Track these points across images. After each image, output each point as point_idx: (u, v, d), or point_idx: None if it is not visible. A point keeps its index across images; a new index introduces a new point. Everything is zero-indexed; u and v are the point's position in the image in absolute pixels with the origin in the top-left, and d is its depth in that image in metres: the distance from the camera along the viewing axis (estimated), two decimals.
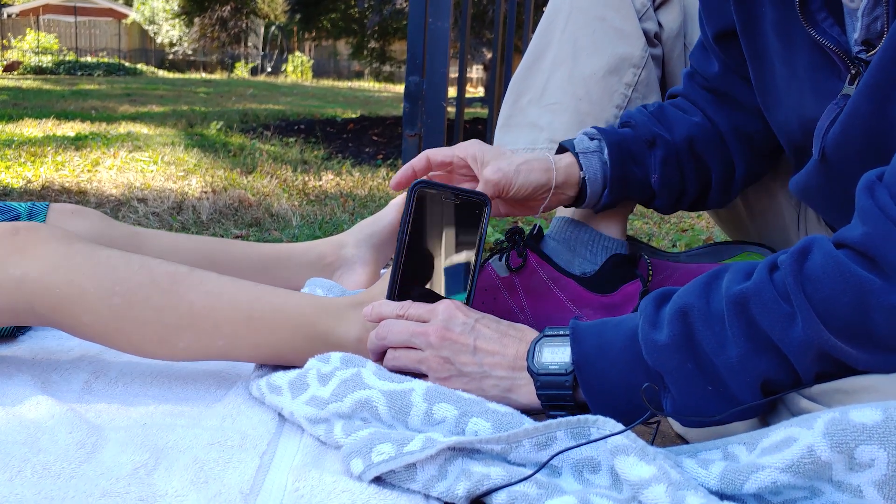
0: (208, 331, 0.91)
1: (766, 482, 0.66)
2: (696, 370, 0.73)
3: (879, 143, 0.75)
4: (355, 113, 6.99)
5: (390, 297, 0.93)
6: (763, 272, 0.71)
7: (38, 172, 2.71)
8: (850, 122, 0.78)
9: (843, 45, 0.79)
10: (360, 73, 20.16)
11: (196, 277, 0.93)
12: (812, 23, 0.80)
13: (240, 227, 2.04)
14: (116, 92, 8.59)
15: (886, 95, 0.74)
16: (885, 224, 0.65)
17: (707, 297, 0.74)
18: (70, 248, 0.90)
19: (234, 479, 0.74)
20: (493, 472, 0.70)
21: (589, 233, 1.09)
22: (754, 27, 0.90)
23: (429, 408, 0.80)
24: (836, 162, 0.83)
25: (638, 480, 0.66)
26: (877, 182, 0.68)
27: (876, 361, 0.68)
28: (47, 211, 1.15)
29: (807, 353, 0.69)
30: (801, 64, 0.85)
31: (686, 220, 2.56)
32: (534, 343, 0.84)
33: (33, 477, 0.71)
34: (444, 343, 0.86)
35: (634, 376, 0.76)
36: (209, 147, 3.74)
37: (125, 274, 0.90)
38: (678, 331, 0.73)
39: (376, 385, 0.83)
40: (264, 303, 0.93)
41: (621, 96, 1.14)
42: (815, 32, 0.80)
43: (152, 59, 22.42)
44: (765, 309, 0.69)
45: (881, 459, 0.63)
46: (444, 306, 0.89)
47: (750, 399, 0.72)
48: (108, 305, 0.89)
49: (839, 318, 0.66)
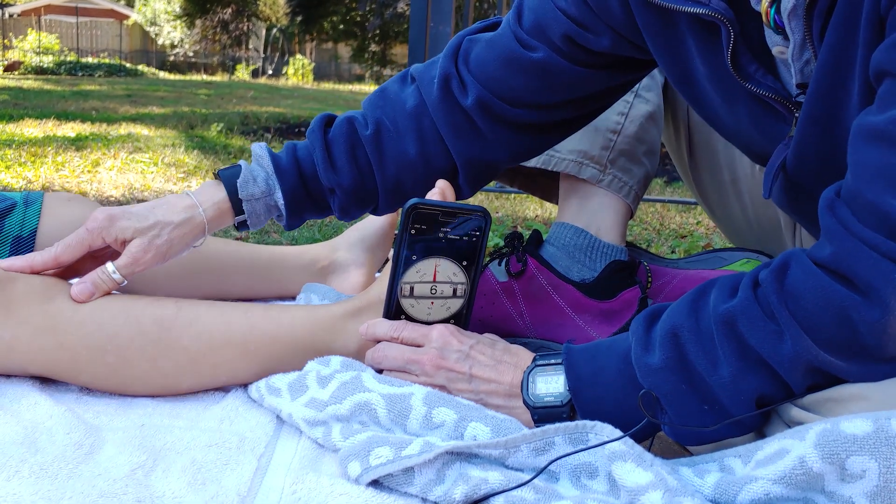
0: (208, 371, 0.92)
1: (759, 494, 0.66)
2: (691, 391, 0.73)
3: (834, 162, 0.75)
4: None
5: (386, 316, 0.91)
6: (747, 290, 0.72)
7: (39, 173, 2.72)
8: (801, 151, 0.79)
9: (781, 92, 0.79)
10: (361, 76, 20.17)
11: (184, 318, 0.91)
12: (745, 76, 0.80)
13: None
14: (117, 93, 8.59)
15: (829, 120, 0.74)
16: (850, 240, 0.65)
17: (696, 315, 0.74)
18: (51, 305, 0.89)
19: (231, 481, 0.74)
20: (491, 477, 0.70)
21: (588, 239, 1.09)
22: (690, 80, 0.89)
23: (428, 411, 0.80)
24: (799, 184, 0.83)
25: (635, 486, 0.66)
26: (836, 199, 0.68)
27: (866, 372, 0.69)
28: (43, 199, 1.14)
29: (797, 367, 0.70)
30: (743, 114, 0.86)
31: (685, 226, 2.56)
32: (527, 374, 0.83)
33: (31, 477, 0.71)
34: (440, 372, 0.86)
35: (631, 400, 0.76)
36: (209, 149, 3.74)
37: (112, 329, 0.89)
38: (670, 353, 0.74)
39: (376, 388, 0.83)
40: (258, 333, 0.93)
41: (623, 102, 1.14)
42: (750, 84, 0.80)
43: (153, 60, 22.43)
44: (752, 327, 0.70)
45: (872, 470, 0.63)
46: (437, 332, 0.87)
47: (741, 412, 0.72)
48: (103, 364, 0.89)
49: (825, 333, 0.67)
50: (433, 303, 0.91)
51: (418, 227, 0.87)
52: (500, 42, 0.97)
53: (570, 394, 0.80)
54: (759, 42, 0.79)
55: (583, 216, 1.10)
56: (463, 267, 0.90)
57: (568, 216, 1.12)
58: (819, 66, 0.72)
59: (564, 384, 0.81)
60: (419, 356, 0.86)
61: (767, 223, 1.19)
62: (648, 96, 1.16)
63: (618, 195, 1.11)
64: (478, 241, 0.89)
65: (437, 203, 0.88)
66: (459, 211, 0.88)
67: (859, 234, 0.65)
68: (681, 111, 1.22)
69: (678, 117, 1.22)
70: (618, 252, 1.09)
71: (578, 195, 1.12)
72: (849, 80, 0.71)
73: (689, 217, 2.76)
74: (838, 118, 0.74)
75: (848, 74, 0.71)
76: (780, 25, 0.74)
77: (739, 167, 1.18)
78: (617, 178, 1.11)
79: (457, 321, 0.92)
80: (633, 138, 1.13)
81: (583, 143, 1.12)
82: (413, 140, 1.00)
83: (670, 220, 2.67)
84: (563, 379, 0.81)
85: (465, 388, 0.85)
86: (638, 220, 2.59)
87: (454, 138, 0.99)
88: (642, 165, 1.14)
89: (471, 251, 0.89)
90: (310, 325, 0.95)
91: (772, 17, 0.74)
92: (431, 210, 0.87)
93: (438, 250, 0.89)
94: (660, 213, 2.82)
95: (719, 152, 1.20)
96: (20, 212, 1.11)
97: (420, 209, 0.86)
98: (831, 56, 0.71)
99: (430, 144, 1.00)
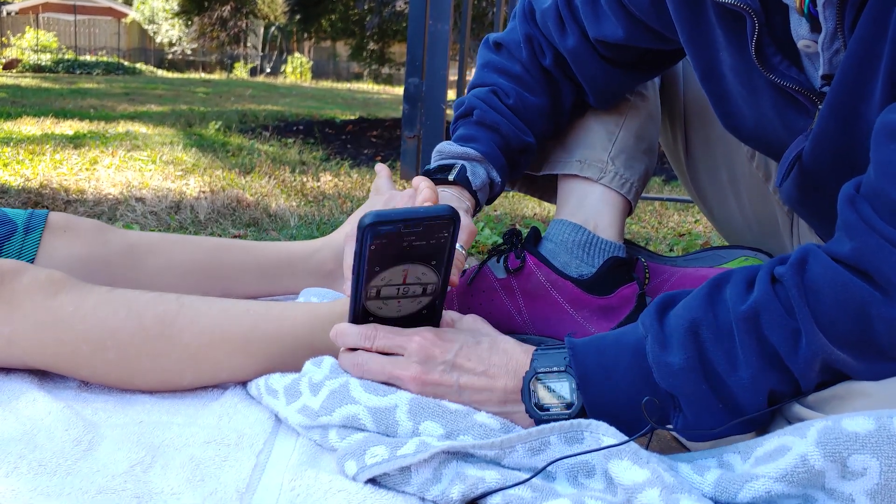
0: (209, 369, 0.92)
1: (761, 491, 0.66)
2: (710, 390, 0.72)
3: (850, 157, 0.76)
4: (354, 114, 6.99)
5: (353, 321, 0.86)
6: (765, 285, 0.71)
7: (37, 170, 2.71)
8: (819, 143, 0.79)
9: (805, 84, 0.80)
10: (360, 74, 20.16)
11: (186, 315, 0.91)
12: (769, 67, 0.80)
13: (237, 227, 2.05)
14: (115, 91, 8.58)
15: (851, 112, 0.74)
16: (872, 237, 0.65)
17: (714, 310, 0.73)
18: (55, 300, 0.88)
19: (230, 478, 0.74)
20: (488, 476, 0.70)
21: (586, 235, 1.09)
22: (714, 71, 0.90)
23: (415, 427, 0.78)
24: (812, 178, 0.83)
25: (632, 484, 0.66)
26: (856, 195, 0.68)
27: (875, 371, 0.69)
28: (44, 227, 1.12)
29: (812, 367, 0.70)
30: (766, 104, 0.86)
31: (684, 224, 2.56)
32: (526, 382, 0.79)
33: (29, 473, 0.71)
34: (426, 388, 0.81)
35: (642, 396, 0.74)
36: (208, 147, 3.74)
37: (115, 324, 0.88)
38: (691, 353, 0.72)
39: (362, 400, 0.81)
40: (259, 331, 0.92)
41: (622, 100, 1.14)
42: (774, 76, 0.81)
43: (151, 58, 22.39)
44: (774, 325, 0.70)
45: (874, 468, 0.63)
46: (416, 344, 0.82)
47: (755, 410, 0.72)
48: (104, 360, 0.89)
49: (840, 328, 0.67)
50: (401, 301, 0.85)
51: (379, 242, 0.78)
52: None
53: (578, 400, 0.77)
54: (783, 35, 0.79)
55: (581, 213, 1.10)
56: (432, 266, 0.82)
57: (566, 213, 1.12)
58: (847, 58, 0.72)
59: (570, 392, 0.78)
60: (401, 372, 0.82)
61: (765, 222, 1.19)
62: (647, 94, 1.16)
63: (618, 191, 1.11)
64: (446, 242, 0.81)
65: (396, 214, 0.78)
66: (423, 219, 0.79)
67: (881, 231, 0.65)
68: (678, 111, 1.22)
69: (675, 117, 1.23)
70: (616, 248, 1.09)
71: (577, 192, 1.12)
72: (874, 74, 0.71)
73: (688, 215, 2.76)
74: (859, 112, 0.73)
75: (874, 69, 0.71)
76: (813, 15, 0.74)
77: (738, 166, 1.18)
78: (618, 175, 1.11)
79: (429, 313, 0.87)
80: (633, 135, 1.13)
81: (584, 144, 1.12)
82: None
83: (668, 219, 2.67)
84: (569, 386, 0.78)
85: (455, 400, 0.81)
86: (636, 219, 2.59)
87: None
88: (642, 162, 1.14)
89: (439, 251, 0.81)
90: (310, 324, 0.94)
91: (806, 5, 0.74)
92: (391, 223, 0.77)
93: (403, 258, 0.81)
94: (658, 211, 2.82)
95: (717, 152, 1.20)
96: (19, 239, 1.10)
97: (378, 225, 0.77)
98: (860, 48, 0.71)
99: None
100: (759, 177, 1.16)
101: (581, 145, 1.13)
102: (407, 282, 0.83)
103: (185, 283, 1.16)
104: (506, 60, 1.12)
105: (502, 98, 1.10)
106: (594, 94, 1.11)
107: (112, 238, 1.16)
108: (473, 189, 1.05)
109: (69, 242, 1.11)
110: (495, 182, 1.09)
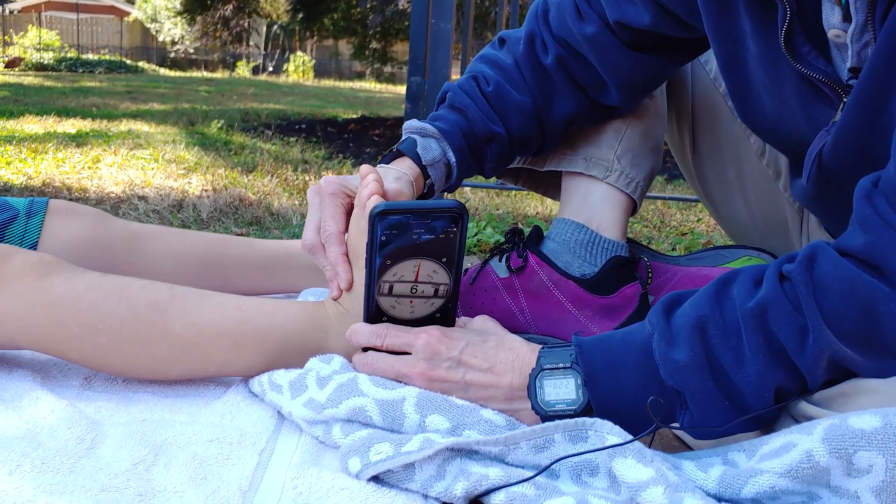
0: (198, 360, 0.91)
1: (765, 487, 0.66)
2: (716, 387, 0.73)
3: (872, 153, 0.75)
4: (356, 113, 6.99)
5: (367, 320, 0.88)
6: (773, 282, 0.71)
7: (39, 169, 2.71)
8: (842, 137, 0.79)
9: (832, 76, 0.79)
10: (362, 73, 20.17)
11: (178, 306, 0.90)
12: (797, 57, 0.80)
13: (240, 226, 2.05)
14: (118, 89, 8.58)
15: (877, 106, 0.74)
16: (887, 231, 0.65)
17: (720, 308, 0.73)
18: (46, 281, 0.88)
19: (232, 476, 0.74)
20: (492, 473, 0.70)
21: (589, 234, 1.09)
22: (737, 60, 0.89)
23: (421, 420, 0.79)
24: (830, 175, 0.83)
25: (636, 482, 0.66)
26: (873, 189, 0.68)
27: (881, 368, 0.69)
28: (45, 211, 1.13)
29: (819, 363, 0.70)
30: (790, 95, 0.86)
31: (686, 224, 2.56)
32: (533, 378, 0.80)
33: (32, 471, 0.71)
34: (433, 384, 0.82)
35: (649, 394, 0.75)
36: (210, 145, 3.74)
37: (106, 309, 0.88)
38: (697, 350, 0.72)
39: (370, 392, 0.82)
40: (251, 327, 0.91)
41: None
42: (801, 66, 0.80)
43: (154, 57, 22.41)
44: (782, 321, 0.70)
45: (879, 465, 0.63)
46: (423, 341, 0.84)
47: (762, 407, 0.72)
48: (94, 344, 0.88)
49: (847, 324, 0.67)
50: (413, 301, 0.87)
51: (389, 233, 0.81)
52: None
53: (583, 396, 0.77)
54: (814, 24, 0.79)
55: (584, 211, 1.10)
56: (443, 264, 0.84)
57: (569, 212, 1.11)
58: (876, 50, 0.72)
59: (576, 388, 0.78)
60: (408, 370, 0.83)
61: (772, 220, 1.19)
62: (654, 93, 1.16)
63: (623, 191, 1.11)
64: (455, 238, 0.83)
65: (405, 205, 0.82)
66: (430, 211, 0.82)
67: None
68: (685, 108, 1.22)
69: (683, 114, 1.22)
70: (619, 248, 1.09)
71: (581, 190, 1.12)
72: None
73: (690, 214, 2.76)
74: (885, 106, 0.73)
75: None
76: (847, 3, 0.74)
77: (745, 164, 1.18)
78: (624, 174, 1.11)
79: (443, 315, 0.89)
80: (640, 134, 1.13)
81: (590, 141, 1.12)
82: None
83: (671, 218, 2.66)
84: (574, 382, 0.78)
85: (462, 396, 0.82)
86: (639, 218, 2.58)
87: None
88: (648, 161, 1.14)
89: (449, 248, 0.84)
90: (303, 321, 0.94)
91: None
92: (400, 213, 0.81)
93: (414, 252, 0.83)
94: (660, 210, 2.82)
95: (725, 149, 1.19)
96: (22, 224, 1.11)
97: (387, 215, 0.81)
98: (890, 41, 0.70)
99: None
100: (769, 174, 1.15)
101: (587, 142, 1.12)
102: (419, 279, 0.85)
103: (184, 273, 1.17)
104: (500, 53, 1.10)
105: (481, 85, 1.07)
106: (618, 87, 1.06)
107: (113, 224, 1.17)
108: (423, 163, 1.01)
109: (71, 225, 1.12)
110: (451, 164, 1.04)
